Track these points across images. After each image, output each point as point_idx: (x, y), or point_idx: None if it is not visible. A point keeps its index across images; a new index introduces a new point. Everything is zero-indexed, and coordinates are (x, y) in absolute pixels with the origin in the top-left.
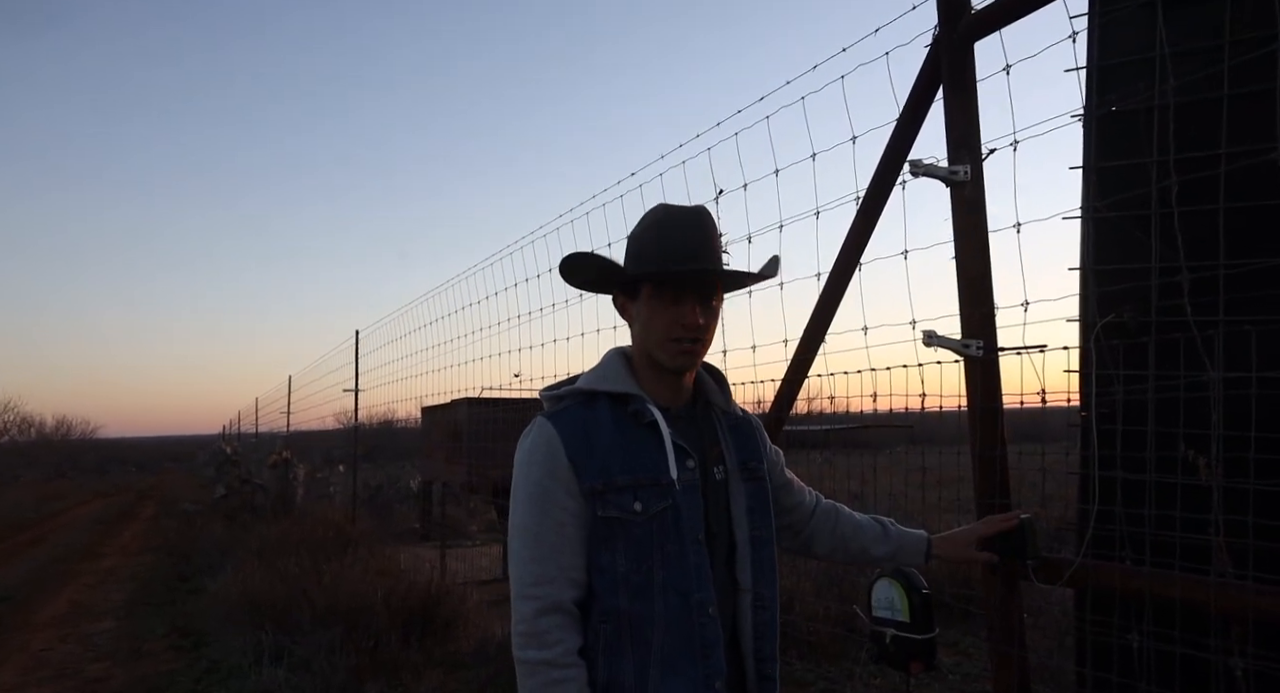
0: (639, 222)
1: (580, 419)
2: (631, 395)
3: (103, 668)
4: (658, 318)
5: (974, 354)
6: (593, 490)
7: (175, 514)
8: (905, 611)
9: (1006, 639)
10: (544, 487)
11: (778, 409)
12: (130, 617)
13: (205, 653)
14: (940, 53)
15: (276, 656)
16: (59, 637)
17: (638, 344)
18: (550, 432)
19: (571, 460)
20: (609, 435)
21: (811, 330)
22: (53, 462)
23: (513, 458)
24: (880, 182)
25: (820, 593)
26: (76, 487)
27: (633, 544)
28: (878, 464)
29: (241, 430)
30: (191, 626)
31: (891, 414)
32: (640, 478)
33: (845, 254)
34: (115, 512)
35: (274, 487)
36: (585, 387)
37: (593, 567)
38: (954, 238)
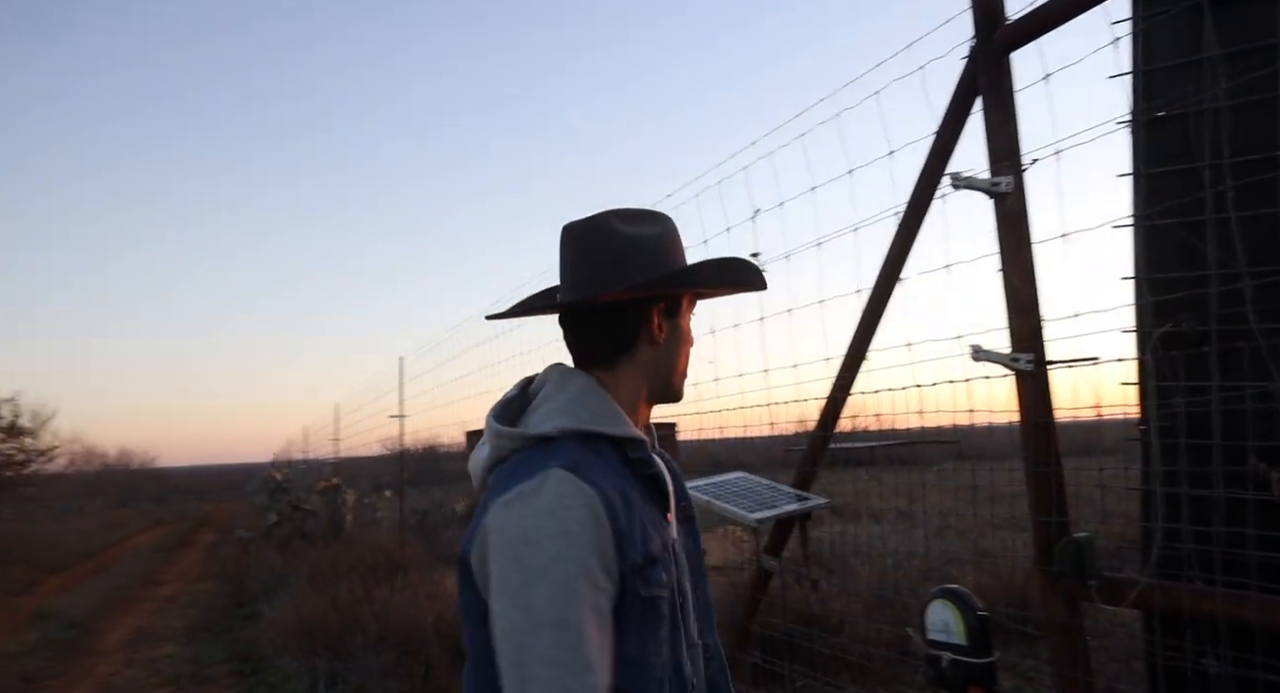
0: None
1: (605, 473)
2: (634, 440)
3: None
4: (688, 339)
5: (1023, 368)
6: (635, 566)
7: (230, 541)
8: (961, 633)
9: (1070, 663)
10: (586, 566)
11: (822, 427)
12: (191, 643)
13: (264, 678)
14: (977, 64)
15: (331, 681)
16: (124, 662)
17: (658, 369)
18: (586, 492)
19: (616, 530)
20: (631, 492)
21: (854, 347)
22: (115, 491)
23: None
24: (920, 196)
25: (870, 614)
26: (138, 515)
27: (659, 624)
28: (926, 481)
29: (291, 458)
30: (250, 651)
31: (940, 431)
32: (658, 543)
33: (886, 270)
34: (174, 539)
35: (323, 513)
36: (584, 427)
37: (621, 660)
38: (998, 250)
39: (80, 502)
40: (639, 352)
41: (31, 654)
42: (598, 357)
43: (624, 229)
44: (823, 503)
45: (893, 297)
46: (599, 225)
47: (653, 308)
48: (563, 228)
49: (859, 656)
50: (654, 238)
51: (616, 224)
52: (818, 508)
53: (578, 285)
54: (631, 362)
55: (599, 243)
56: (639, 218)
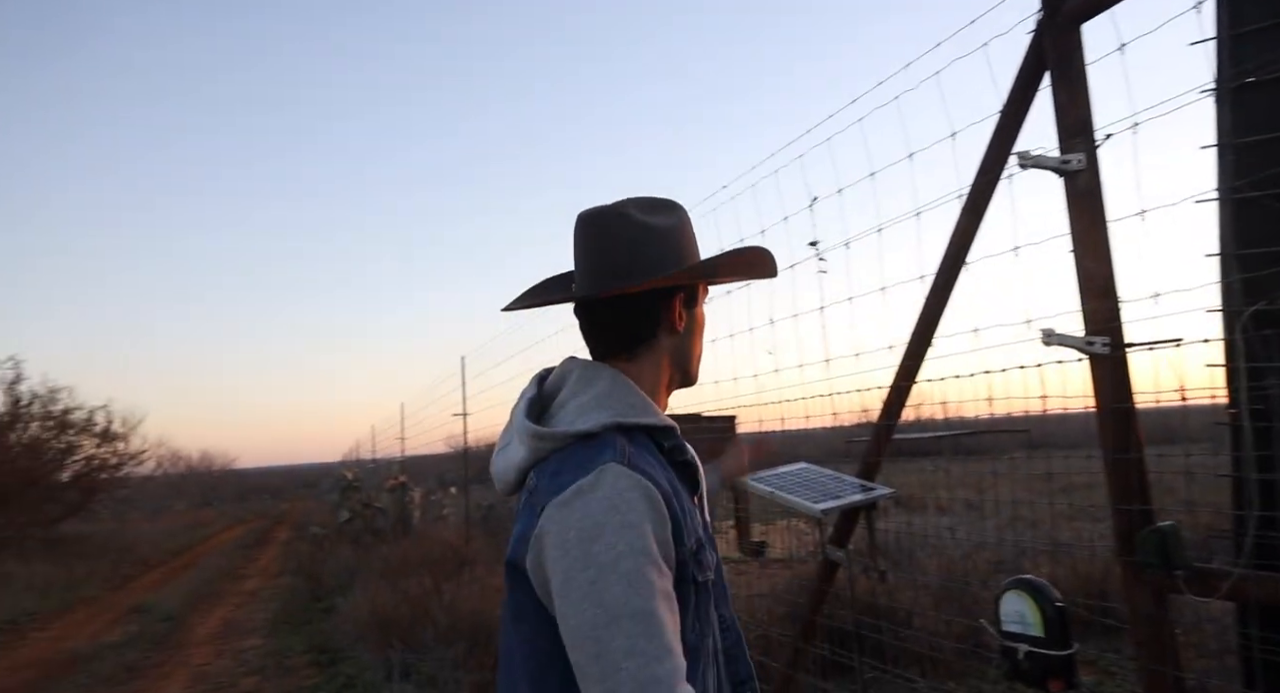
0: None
1: (655, 464)
2: (668, 429)
3: (253, 683)
4: (703, 326)
5: (1099, 351)
6: (690, 552)
7: (305, 538)
8: (1038, 625)
9: (1157, 658)
10: (652, 556)
11: (887, 416)
12: (274, 635)
13: (342, 669)
14: (1044, 38)
15: (405, 672)
16: (215, 653)
17: (678, 357)
18: (643, 483)
19: (674, 519)
20: (675, 481)
21: (918, 334)
22: (198, 492)
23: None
24: (985, 177)
25: (940, 607)
26: (220, 514)
27: (709, 607)
28: (996, 471)
29: (360, 457)
30: (327, 643)
31: (1010, 418)
32: (703, 526)
33: (951, 254)
34: (254, 537)
35: (392, 510)
36: (625, 420)
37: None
38: (1070, 230)
39: (168, 502)
40: (659, 341)
41: (131, 645)
42: (619, 347)
43: (643, 218)
44: (888, 493)
45: (958, 282)
46: (618, 214)
47: (674, 298)
48: (578, 216)
49: (929, 648)
50: (671, 228)
51: (635, 213)
52: (883, 498)
53: (598, 276)
54: (652, 351)
55: (619, 232)
56: (656, 207)
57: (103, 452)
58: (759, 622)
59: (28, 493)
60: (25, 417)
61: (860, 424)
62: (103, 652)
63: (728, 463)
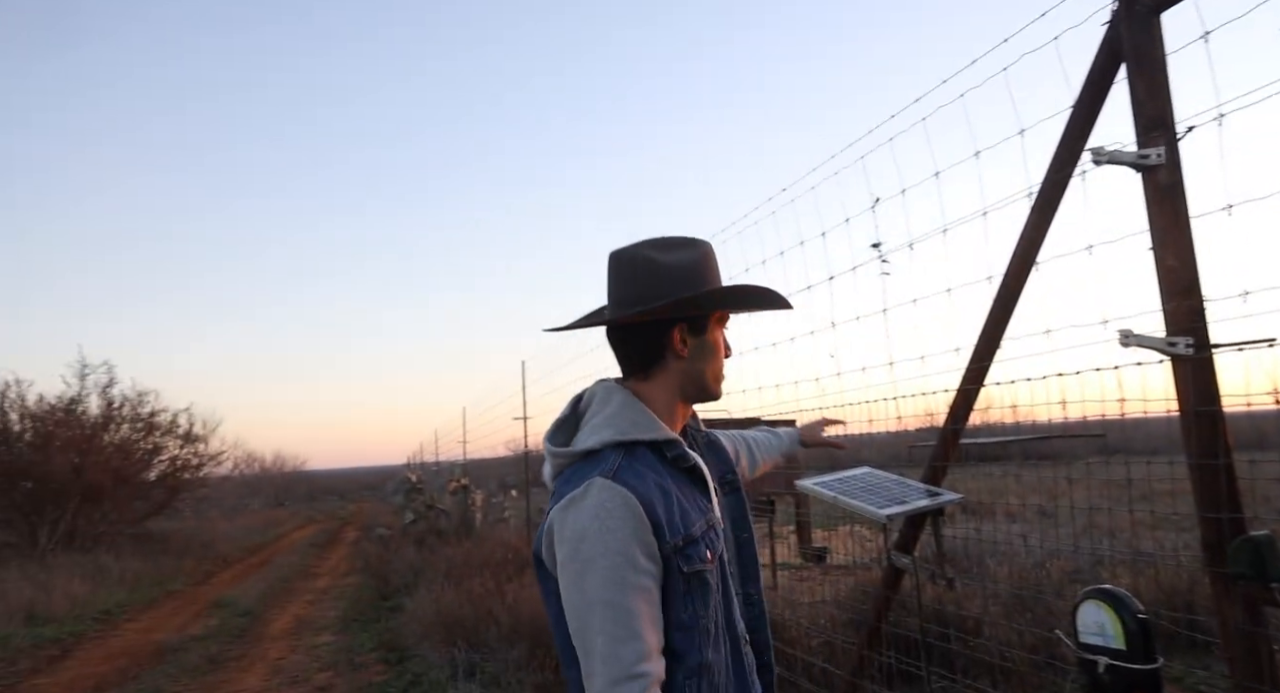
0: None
1: (641, 475)
2: (670, 441)
3: (326, 678)
4: (721, 348)
5: (1181, 353)
6: (675, 548)
7: (372, 538)
8: (1120, 637)
9: (1253, 675)
10: (628, 555)
11: (953, 420)
12: (344, 631)
13: (409, 667)
14: (1120, 29)
15: (470, 672)
16: (290, 648)
17: (689, 378)
18: (623, 494)
19: (653, 521)
20: (669, 486)
21: (987, 336)
22: (272, 492)
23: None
24: (1056, 174)
25: (1011, 616)
26: (292, 514)
27: (708, 594)
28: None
29: (423, 460)
30: (395, 641)
31: (1085, 422)
32: (701, 525)
33: (1020, 254)
34: (324, 537)
35: (455, 512)
36: (625, 437)
37: (674, 626)
38: (1149, 227)
39: (244, 502)
40: (668, 363)
41: (213, 638)
42: (635, 368)
43: (655, 256)
44: (956, 498)
45: (1028, 282)
46: (633, 254)
47: (673, 327)
48: (609, 254)
49: (1000, 658)
50: (680, 264)
51: (648, 252)
52: (950, 503)
53: (614, 307)
54: (664, 372)
55: (631, 269)
56: (672, 245)
57: (185, 453)
58: (821, 629)
59: (119, 491)
60: (117, 419)
61: (924, 429)
62: (188, 644)
63: (807, 428)
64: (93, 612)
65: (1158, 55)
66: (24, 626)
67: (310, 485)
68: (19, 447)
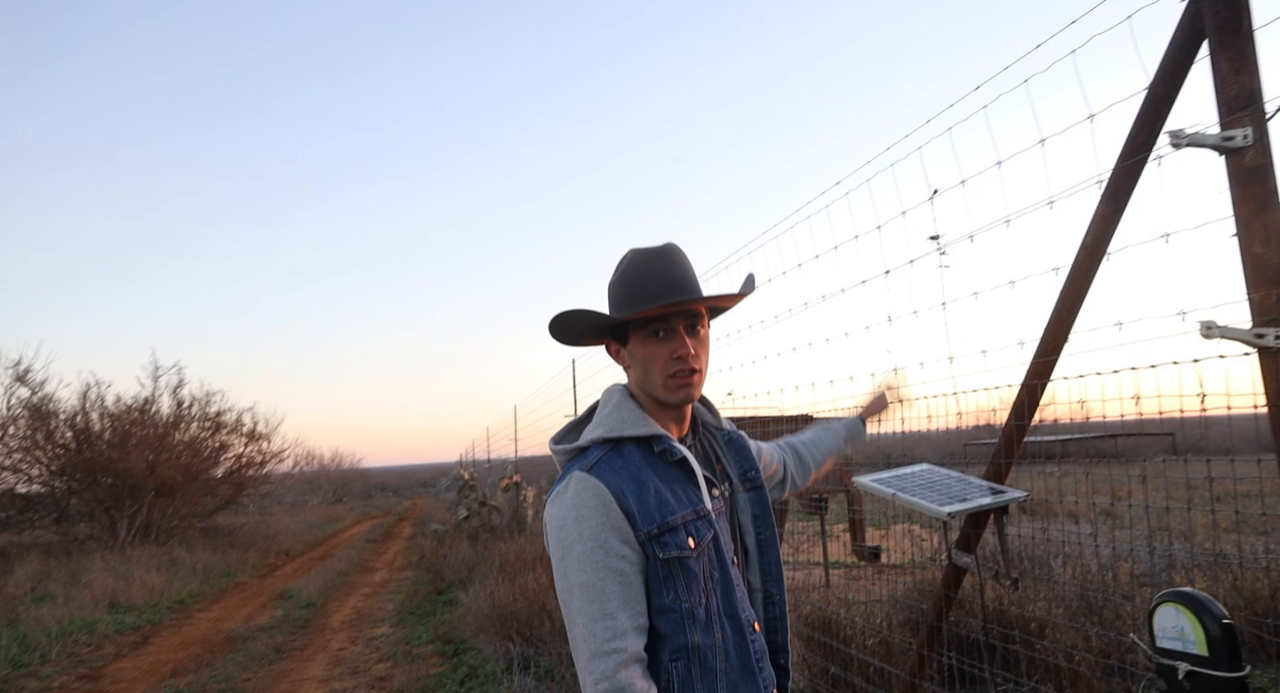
0: (615, 270)
1: (620, 468)
2: (657, 436)
3: (385, 668)
4: (655, 357)
5: (1271, 345)
6: (650, 535)
7: (426, 534)
8: (1201, 642)
9: None
10: (601, 540)
11: (1018, 416)
12: (401, 624)
13: (464, 659)
14: (1202, 5)
15: (524, 665)
16: (350, 639)
17: (638, 387)
18: (595, 485)
19: (625, 510)
20: (650, 478)
21: (1054, 329)
22: (330, 489)
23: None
24: (1129, 160)
25: (1076, 619)
26: (349, 510)
27: (691, 580)
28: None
29: (475, 457)
30: (451, 634)
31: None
32: (686, 514)
33: (1089, 244)
34: (380, 532)
35: (507, 509)
36: (611, 434)
37: (656, 610)
38: (1234, 212)
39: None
40: (629, 375)
41: (278, 628)
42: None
43: (612, 277)
44: (1021, 495)
45: (1098, 273)
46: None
47: (606, 342)
48: None
49: (1066, 661)
50: (614, 283)
51: (614, 273)
52: (1015, 501)
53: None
54: (631, 381)
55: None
56: (617, 266)
57: (250, 450)
58: (877, 628)
59: (190, 487)
60: (186, 417)
61: (980, 427)
62: (255, 633)
63: (867, 407)
64: (168, 601)
65: (1245, 27)
66: (108, 613)
67: (366, 482)
68: (100, 445)
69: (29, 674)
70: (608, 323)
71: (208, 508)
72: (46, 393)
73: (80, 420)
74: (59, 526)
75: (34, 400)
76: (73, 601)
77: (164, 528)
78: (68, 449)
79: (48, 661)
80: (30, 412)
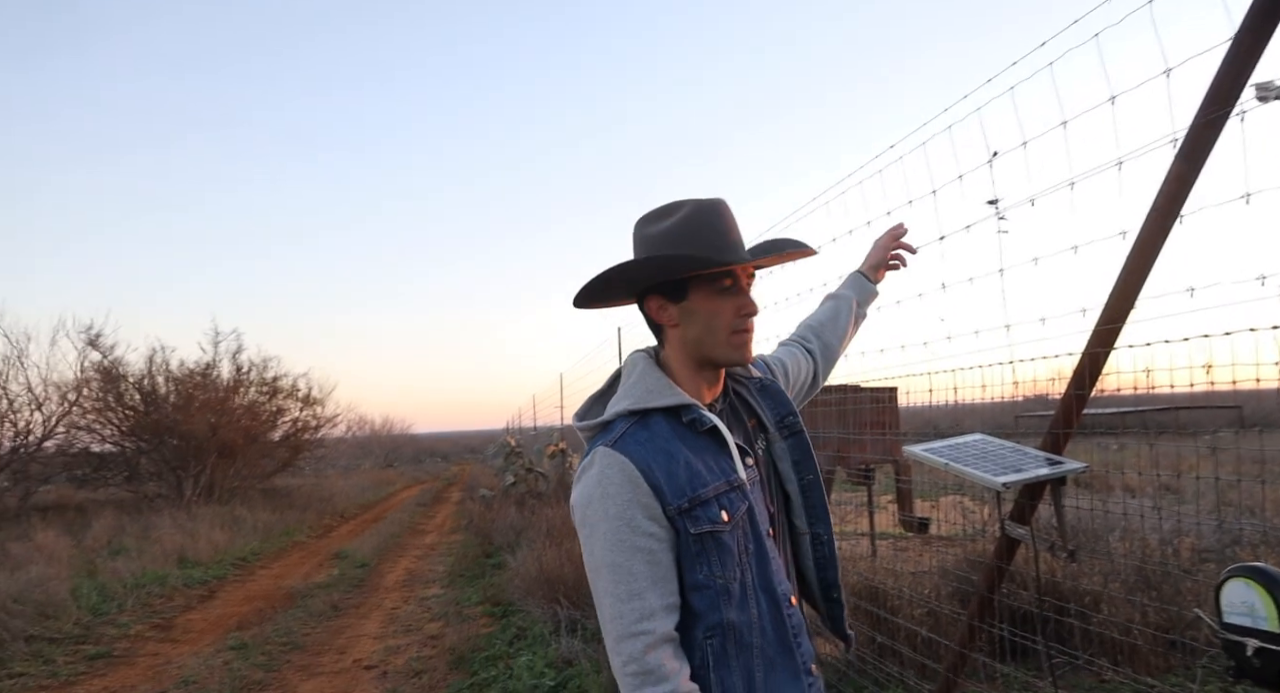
0: (654, 220)
1: (646, 441)
2: (685, 405)
3: (437, 627)
4: (721, 312)
5: None
6: (680, 510)
7: (475, 499)
8: (1273, 618)
9: None
10: (627, 518)
11: (1078, 385)
12: (452, 585)
13: (513, 621)
14: None
15: (571, 627)
16: (403, 598)
17: (688, 345)
18: (620, 460)
19: (653, 486)
20: (679, 451)
21: (1120, 295)
22: (381, 454)
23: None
24: (1210, 115)
25: (1133, 592)
26: (400, 475)
27: (725, 554)
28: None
29: (521, 425)
30: (499, 596)
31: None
32: (718, 486)
33: (1161, 206)
34: (429, 496)
35: (553, 475)
36: (636, 406)
37: (690, 586)
38: None
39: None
40: (666, 333)
41: (335, 587)
42: (655, 337)
43: (643, 229)
44: (1080, 467)
45: (1169, 236)
46: (635, 226)
47: (645, 301)
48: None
49: (1123, 635)
50: (655, 235)
51: (638, 227)
52: (1074, 472)
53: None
54: (668, 341)
55: (633, 241)
56: (658, 216)
57: (305, 415)
58: (925, 598)
59: (249, 449)
60: (245, 382)
61: (1032, 398)
62: (313, 591)
63: (870, 263)
64: (231, 558)
65: None
66: (177, 567)
67: (416, 448)
68: (165, 407)
69: (108, 622)
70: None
71: (266, 470)
72: (116, 357)
73: (148, 384)
74: (130, 484)
75: (105, 364)
76: (145, 554)
77: (226, 488)
78: (136, 411)
79: (124, 610)
80: (102, 375)
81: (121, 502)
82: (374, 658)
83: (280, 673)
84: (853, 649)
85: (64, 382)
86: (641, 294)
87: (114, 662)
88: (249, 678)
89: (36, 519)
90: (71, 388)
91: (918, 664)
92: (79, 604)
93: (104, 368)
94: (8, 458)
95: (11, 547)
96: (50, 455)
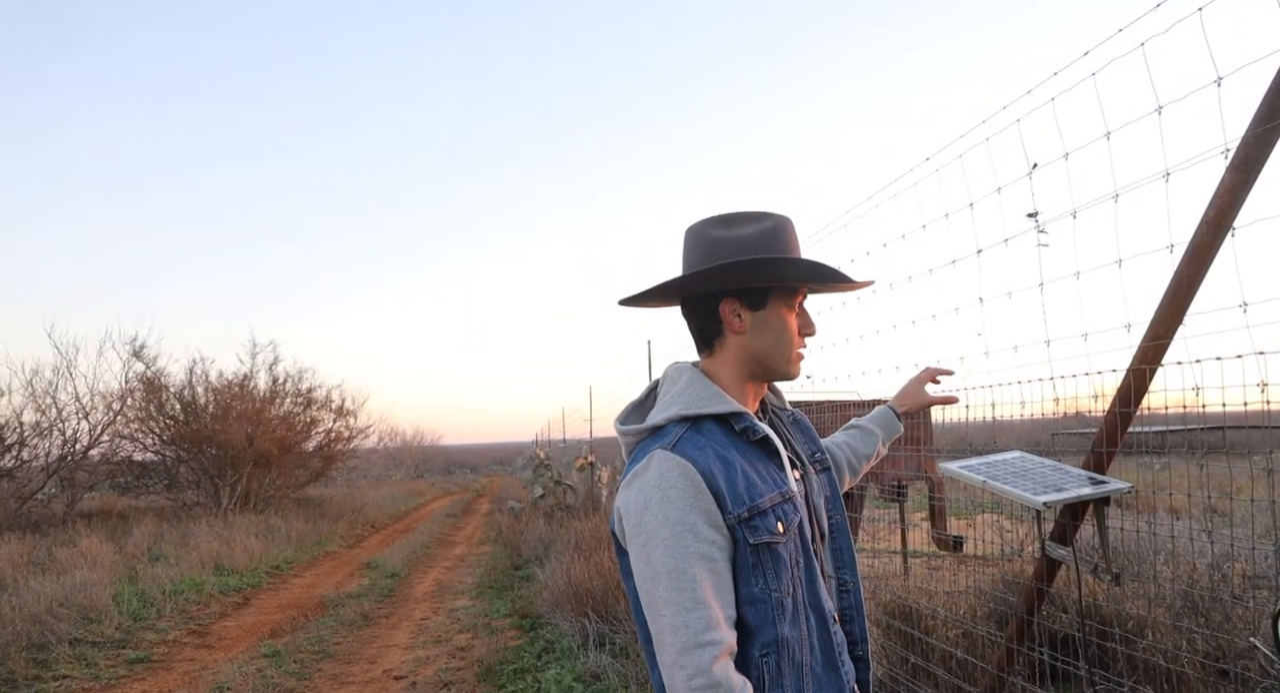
0: (729, 225)
1: (704, 446)
2: (737, 414)
3: (466, 639)
4: (789, 328)
5: None
6: (739, 519)
7: (504, 511)
8: None
9: None
10: (689, 524)
11: (1123, 403)
12: (480, 597)
13: (541, 634)
14: None
15: (600, 641)
16: (432, 610)
17: (751, 354)
18: (682, 464)
19: (714, 491)
20: (734, 458)
21: (1167, 311)
22: (412, 464)
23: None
24: (1265, 124)
25: (1180, 618)
26: (430, 485)
27: (780, 567)
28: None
29: (551, 437)
30: (528, 609)
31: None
32: (773, 496)
33: (1213, 217)
34: (460, 508)
35: (582, 488)
36: (689, 411)
37: (744, 600)
38: None
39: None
40: (727, 340)
41: (366, 596)
42: (702, 344)
43: (713, 231)
44: (1124, 487)
45: (1220, 250)
46: (698, 229)
47: (721, 303)
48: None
49: (1171, 662)
50: (739, 239)
51: (710, 227)
52: (1117, 492)
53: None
54: (725, 348)
55: (692, 244)
56: (738, 220)
57: (338, 426)
58: (960, 619)
59: (284, 459)
60: (281, 393)
61: (1070, 416)
62: (344, 600)
63: (903, 396)
64: (265, 566)
65: None
66: (213, 574)
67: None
68: (204, 417)
69: (147, 627)
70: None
71: (300, 480)
72: (159, 368)
73: (188, 394)
74: (169, 492)
75: (148, 375)
76: (183, 562)
77: (261, 497)
78: (176, 420)
79: (163, 616)
80: (145, 385)
81: (161, 509)
82: (403, 668)
83: (312, 682)
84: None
85: (109, 391)
86: (713, 297)
87: (152, 666)
88: (281, 686)
89: (81, 525)
90: (116, 398)
91: (953, 687)
92: (120, 609)
93: (147, 378)
94: (55, 465)
95: (58, 552)
96: (95, 463)
